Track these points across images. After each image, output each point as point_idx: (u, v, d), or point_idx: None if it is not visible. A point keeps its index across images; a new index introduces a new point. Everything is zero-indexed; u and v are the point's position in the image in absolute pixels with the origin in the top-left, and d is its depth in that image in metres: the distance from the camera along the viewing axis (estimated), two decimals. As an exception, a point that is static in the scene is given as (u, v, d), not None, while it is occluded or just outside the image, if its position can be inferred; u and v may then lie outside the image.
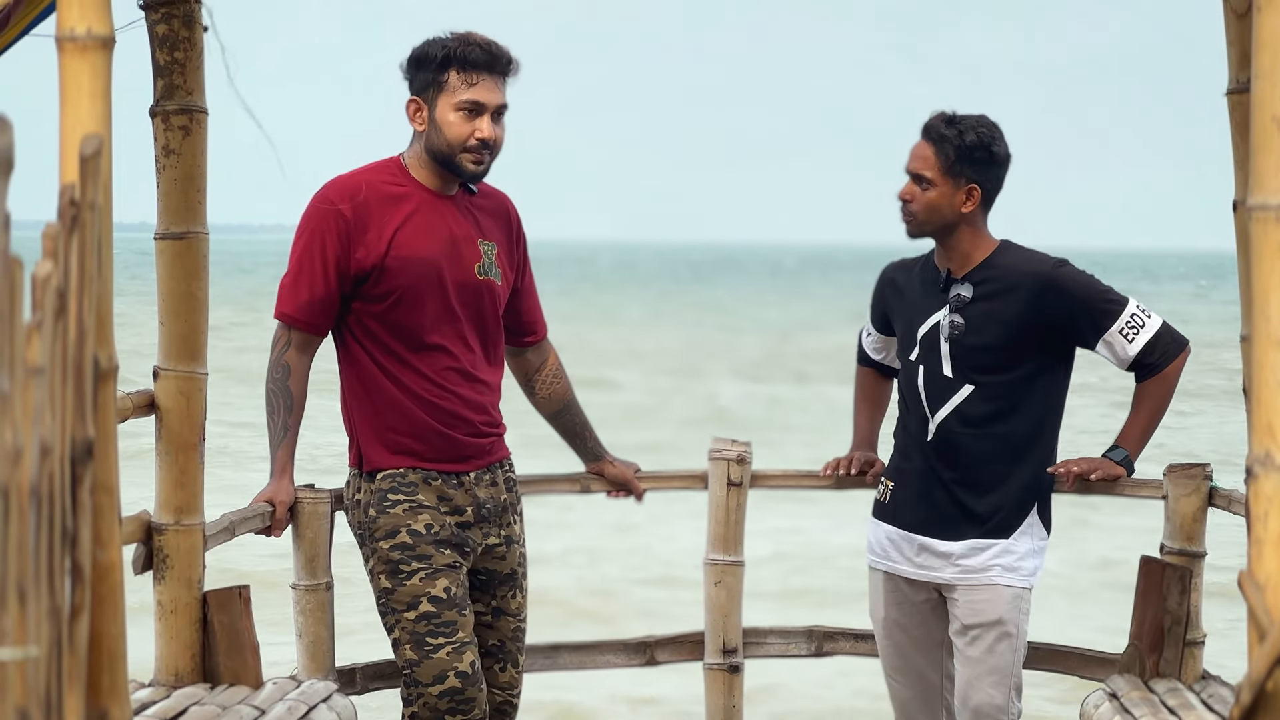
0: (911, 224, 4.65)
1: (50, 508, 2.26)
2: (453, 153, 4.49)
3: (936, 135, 4.61)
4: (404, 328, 4.48)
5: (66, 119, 2.66)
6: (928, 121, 4.64)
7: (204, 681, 4.37)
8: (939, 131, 4.61)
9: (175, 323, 4.32)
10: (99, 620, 2.58)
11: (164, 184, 4.29)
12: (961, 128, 4.60)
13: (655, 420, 21.99)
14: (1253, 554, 2.67)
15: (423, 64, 4.49)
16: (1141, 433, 4.72)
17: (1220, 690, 4.67)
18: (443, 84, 4.47)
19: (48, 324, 2.28)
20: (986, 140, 4.60)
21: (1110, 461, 4.75)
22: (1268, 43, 2.67)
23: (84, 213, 2.43)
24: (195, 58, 4.26)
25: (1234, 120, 4.32)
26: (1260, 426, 2.68)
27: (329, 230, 4.46)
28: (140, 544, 4.28)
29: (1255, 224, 2.67)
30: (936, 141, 4.61)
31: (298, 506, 4.71)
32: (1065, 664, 5.26)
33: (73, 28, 2.68)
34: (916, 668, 4.83)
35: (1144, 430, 4.72)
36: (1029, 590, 4.67)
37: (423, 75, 4.50)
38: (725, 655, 5.36)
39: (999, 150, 4.62)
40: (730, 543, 5.34)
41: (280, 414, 4.53)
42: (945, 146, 4.59)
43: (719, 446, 5.37)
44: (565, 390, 4.97)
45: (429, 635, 4.44)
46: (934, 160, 4.60)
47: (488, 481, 4.59)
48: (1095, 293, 4.60)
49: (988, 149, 4.61)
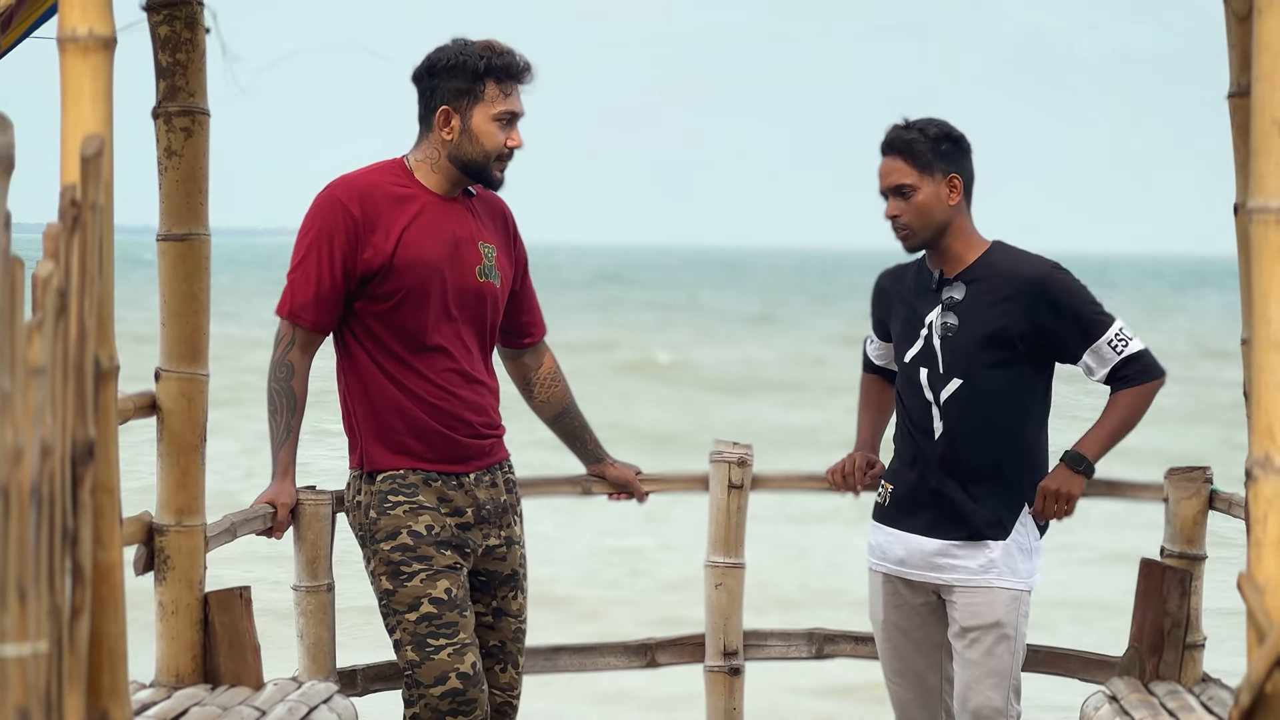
0: (909, 236, 4.65)
1: (51, 508, 2.27)
2: (487, 162, 4.50)
3: (902, 143, 4.64)
4: (405, 329, 4.49)
5: (68, 120, 2.67)
6: (886, 137, 4.67)
7: (205, 682, 4.37)
8: (902, 139, 4.64)
9: (177, 324, 4.32)
10: (99, 620, 2.58)
11: (166, 185, 4.30)
12: (920, 126, 4.64)
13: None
14: (1252, 556, 2.67)
15: (454, 73, 4.48)
16: (1107, 439, 4.69)
17: (1220, 693, 4.67)
18: (479, 94, 4.48)
19: (49, 324, 2.29)
20: (947, 130, 4.65)
21: (1077, 481, 4.70)
22: (1268, 45, 2.67)
23: (85, 213, 2.44)
24: (197, 59, 4.26)
25: (1235, 124, 4.32)
26: (1260, 429, 2.69)
27: (337, 229, 4.46)
28: (141, 545, 4.29)
29: (1255, 227, 2.68)
30: (903, 149, 4.63)
31: (299, 508, 4.71)
32: (1065, 666, 5.26)
33: (74, 28, 2.69)
34: (916, 670, 4.83)
35: (1109, 437, 4.69)
36: (1028, 592, 4.68)
37: (454, 84, 4.49)
38: (726, 657, 5.36)
39: (961, 137, 4.67)
40: (731, 545, 5.34)
41: (283, 414, 4.53)
42: (914, 148, 4.62)
43: (720, 449, 5.37)
44: (564, 393, 4.97)
45: (430, 636, 4.44)
46: (908, 166, 4.63)
47: (488, 483, 4.59)
48: (1087, 303, 4.62)
49: (951, 138, 4.65)
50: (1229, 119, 4.29)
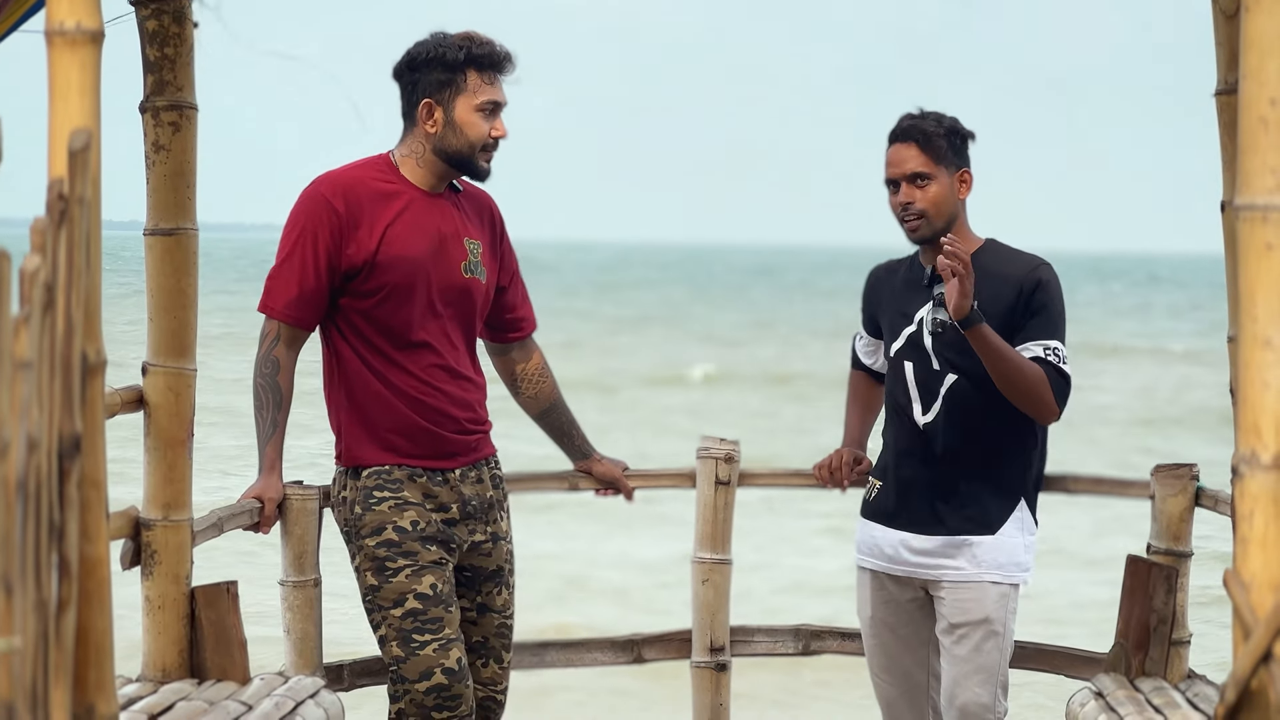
0: (922, 225, 4.62)
1: (37, 502, 2.26)
2: (472, 153, 4.50)
3: (919, 133, 4.62)
4: (391, 325, 4.49)
5: (55, 114, 2.66)
6: (902, 125, 4.65)
7: (191, 677, 4.36)
8: (920, 129, 4.62)
9: (164, 319, 4.32)
10: (86, 615, 2.58)
11: (154, 180, 4.29)
12: (937, 118, 4.64)
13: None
14: (1238, 553, 2.68)
15: (435, 65, 4.48)
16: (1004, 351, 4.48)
17: (1205, 689, 4.68)
18: (461, 85, 4.47)
19: (36, 318, 2.28)
20: (958, 125, 4.65)
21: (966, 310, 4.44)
22: (1255, 42, 2.68)
23: (73, 207, 2.43)
24: (185, 53, 4.25)
25: (1222, 121, 4.33)
26: (1246, 426, 2.69)
27: (321, 225, 4.46)
28: (128, 539, 4.28)
29: (1242, 224, 2.68)
30: (920, 139, 4.62)
31: (286, 503, 4.70)
32: (1051, 663, 5.26)
33: (62, 22, 2.68)
34: (903, 667, 4.83)
35: (1007, 355, 4.49)
36: (1016, 588, 4.68)
37: (435, 76, 4.48)
38: (713, 654, 5.36)
39: (971, 134, 4.68)
40: (718, 541, 5.34)
41: (269, 410, 4.53)
42: (932, 139, 4.61)
43: (707, 445, 5.37)
44: (551, 389, 4.97)
45: (415, 632, 4.44)
46: (924, 155, 4.61)
47: (473, 478, 4.60)
48: (1054, 312, 4.60)
49: (961, 134, 4.65)
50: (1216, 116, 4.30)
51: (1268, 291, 2.65)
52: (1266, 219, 2.66)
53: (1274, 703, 2.58)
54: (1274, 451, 2.64)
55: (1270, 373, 2.65)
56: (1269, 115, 2.66)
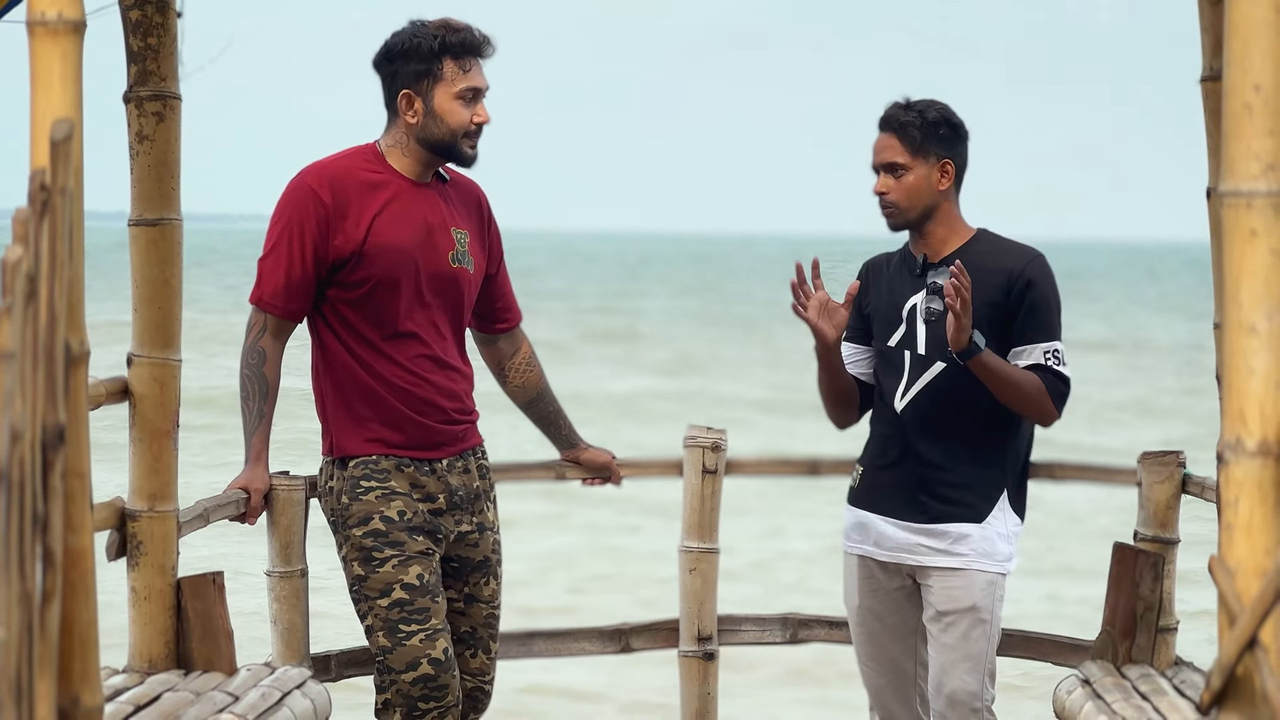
0: (894, 215, 4.64)
1: (21, 493, 2.26)
2: (455, 140, 4.49)
3: (898, 123, 4.63)
4: (378, 315, 4.48)
5: (37, 104, 2.66)
6: (885, 114, 4.66)
7: (178, 668, 4.36)
8: (899, 119, 4.63)
9: (149, 309, 4.32)
10: (70, 606, 2.58)
11: (138, 170, 4.29)
12: (920, 108, 4.63)
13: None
14: (1223, 539, 2.68)
15: (411, 56, 4.47)
16: (1006, 372, 4.52)
17: (1192, 676, 4.69)
18: (438, 74, 4.46)
19: (18, 309, 2.28)
20: (947, 115, 4.64)
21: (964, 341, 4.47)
22: (1239, 28, 2.68)
23: (55, 197, 2.43)
24: (169, 43, 4.25)
25: (1207, 108, 4.34)
26: (1232, 412, 2.70)
27: (308, 216, 4.46)
28: (114, 530, 4.28)
29: (1227, 210, 2.69)
30: (899, 128, 4.63)
31: (272, 493, 4.70)
32: (1039, 650, 5.27)
33: (44, 12, 2.68)
34: (890, 655, 4.83)
35: (1008, 375, 4.52)
36: (1004, 576, 4.68)
37: (413, 67, 4.47)
38: (700, 642, 5.36)
39: (960, 124, 4.67)
40: (705, 530, 5.34)
41: (255, 400, 4.52)
42: (909, 130, 4.61)
43: (694, 434, 5.37)
44: (538, 379, 4.96)
45: (402, 622, 4.44)
46: (901, 146, 4.62)
47: (460, 468, 4.59)
48: (1051, 306, 4.60)
49: (950, 124, 4.64)
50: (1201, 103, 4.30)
51: (1252, 277, 2.66)
52: (1251, 205, 2.66)
53: (1259, 689, 2.58)
54: (1259, 438, 2.65)
55: (1255, 359, 2.65)
56: (1253, 101, 2.67)
